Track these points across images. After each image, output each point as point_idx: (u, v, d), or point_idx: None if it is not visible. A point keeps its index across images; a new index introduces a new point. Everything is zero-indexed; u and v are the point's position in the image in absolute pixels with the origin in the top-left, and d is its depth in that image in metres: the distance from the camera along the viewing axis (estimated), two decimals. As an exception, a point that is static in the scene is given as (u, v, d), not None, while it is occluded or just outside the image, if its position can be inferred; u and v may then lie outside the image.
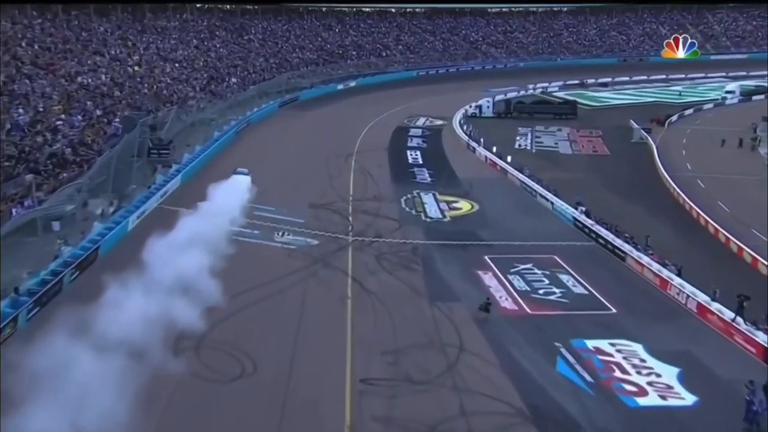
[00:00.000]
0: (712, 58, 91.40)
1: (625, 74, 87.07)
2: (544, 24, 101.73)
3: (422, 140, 59.57)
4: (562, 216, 39.37)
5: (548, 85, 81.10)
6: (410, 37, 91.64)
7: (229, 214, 31.09)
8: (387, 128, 59.35)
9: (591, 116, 68.34)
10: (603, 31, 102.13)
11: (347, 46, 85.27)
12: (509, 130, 61.06)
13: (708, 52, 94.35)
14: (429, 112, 65.34)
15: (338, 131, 60.39)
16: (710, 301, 26.02)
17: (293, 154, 49.70)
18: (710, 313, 25.26)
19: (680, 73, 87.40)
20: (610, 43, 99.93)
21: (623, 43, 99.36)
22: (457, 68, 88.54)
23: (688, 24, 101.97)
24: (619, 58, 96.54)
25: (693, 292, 27.32)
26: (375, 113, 63.99)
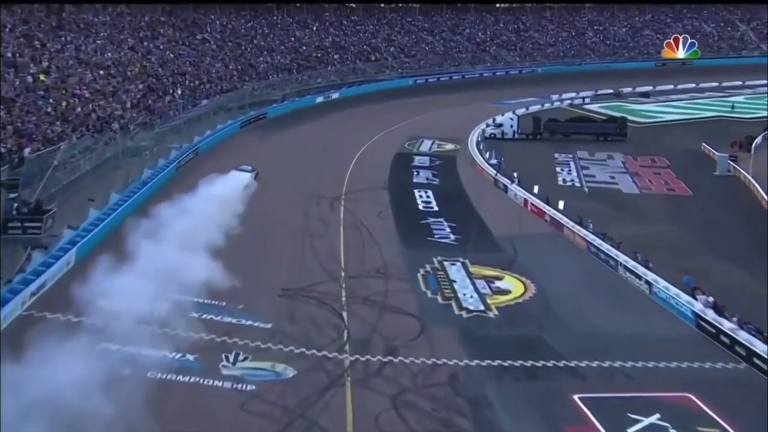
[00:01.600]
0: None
1: (666, 81, 79.48)
2: (565, 21, 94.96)
3: (432, 173, 49.20)
4: (673, 308, 27.20)
5: (576, 96, 73.11)
6: (404, 37, 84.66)
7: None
8: (383, 156, 50.58)
9: (642, 137, 58.59)
10: (635, 30, 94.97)
11: (327, 48, 77.55)
12: (544, 158, 51.97)
13: (765, 53, 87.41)
14: (435, 133, 57.13)
15: (320, 161, 50.17)
16: None
17: (258, 200, 36.88)
18: None
19: (736, 78, 79.14)
20: (645, 43, 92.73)
21: (659, 44, 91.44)
22: (462, 75, 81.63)
23: (737, 20, 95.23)
24: (657, 61, 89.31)
25: None
26: (366, 134, 55.68)
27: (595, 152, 54.56)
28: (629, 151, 54.78)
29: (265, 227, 36.21)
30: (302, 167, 48.78)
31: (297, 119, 62.62)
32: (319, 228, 37.64)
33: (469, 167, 50.51)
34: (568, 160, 53.00)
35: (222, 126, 53.43)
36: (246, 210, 34.05)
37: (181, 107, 52.95)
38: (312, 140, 54.53)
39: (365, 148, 52.83)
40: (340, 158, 49.46)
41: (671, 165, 51.35)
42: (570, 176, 49.51)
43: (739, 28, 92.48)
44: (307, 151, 52.71)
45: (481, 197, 44.18)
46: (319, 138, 56.14)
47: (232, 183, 33.97)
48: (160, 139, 45.40)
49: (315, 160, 51.08)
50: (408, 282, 31.36)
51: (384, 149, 52.28)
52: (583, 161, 52.85)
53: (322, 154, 52.42)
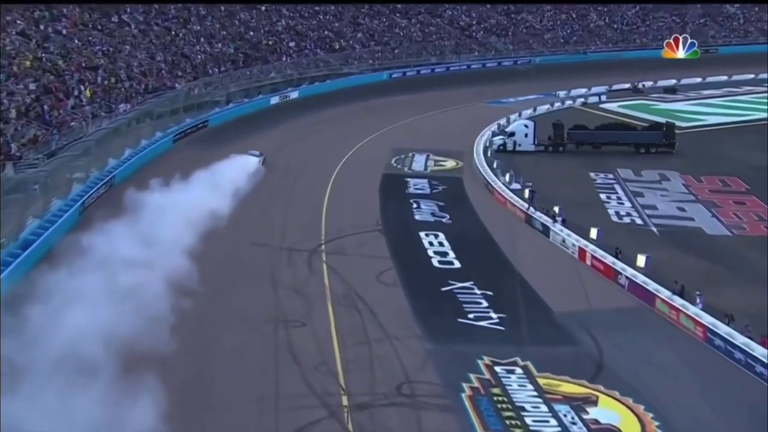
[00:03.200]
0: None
1: (690, 72, 74.68)
2: (564, 3, 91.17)
3: (437, 205, 40.56)
4: None
5: (588, 93, 68.56)
6: (373, 20, 79.96)
7: None
8: (367, 178, 43.82)
9: (690, 147, 51.34)
10: (646, 12, 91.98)
11: (280, 33, 71.34)
12: (576, 179, 45.06)
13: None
14: (426, 143, 50.98)
15: (284, 190, 41.22)
16: None
17: (200, 260, 27.18)
18: None
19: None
20: (658, 27, 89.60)
21: (676, 29, 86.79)
22: (447, 67, 77.58)
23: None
24: None
25: None
26: (339, 147, 49.37)
27: (641, 170, 47.17)
28: (685, 168, 47.25)
29: (214, 315, 25.79)
30: (261, 200, 38.63)
31: (247, 128, 53.16)
32: (296, 308, 27.82)
33: (483, 193, 42.89)
34: (611, 183, 45.13)
35: (148, 141, 45.76)
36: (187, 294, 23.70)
37: (90, 116, 43.23)
38: (270, 158, 44.54)
39: (341, 166, 46.27)
40: (310, 184, 42.59)
41: (751, 189, 43.17)
42: (623, 207, 40.95)
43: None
44: (264, 174, 42.78)
45: (514, 244, 35.15)
46: (279, 154, 46.41)
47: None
48: (57, 167, 33.93)
49: (277, 188, 41.50)
50: (451, 413, 21.68)
51: (366, 168, 45.86)
52: (630, 184, 44.84)
53: (286, 179, 43.17)
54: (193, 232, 29.28)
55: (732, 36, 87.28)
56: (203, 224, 30.66)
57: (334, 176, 44.24)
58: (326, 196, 40.72)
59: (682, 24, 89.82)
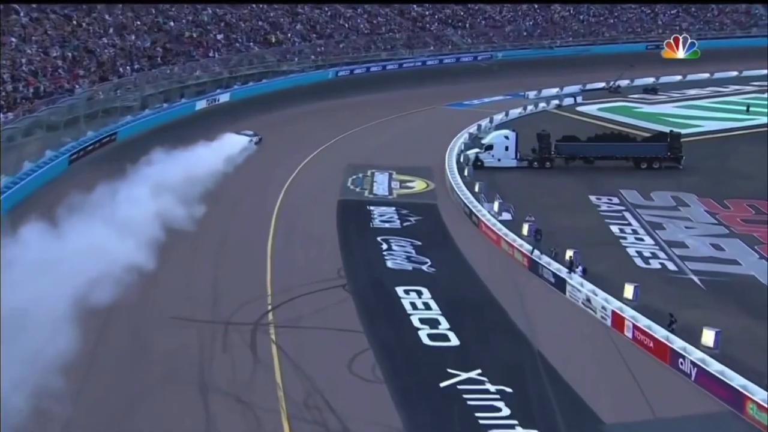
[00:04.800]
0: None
1: (669, 70, 72.97)
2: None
3: (412, 245, 33.82)
4: None
5: (560, 93, 66.06)
6: (315, 10, 77.79)
7: None
8: (321, 206, 38.64)
9: (694, 160, 46.20)
10: (613, 2, 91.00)
11: (206, 25, 68.03)
12: (575, 204, 40.09)
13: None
14: (386, 158, 47.00)
15: (213, 232, 33.51)
16: None
17: (92, 357, 20.79)
18: None
19: (749, 64, 73.01)
20: (628, 18, 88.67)
21: (648, 21, 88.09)
22: (399, 63, 75.41)
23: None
24: (648, 43, 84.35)
25: None
26: (282, 164, 44.58)
27: (649, 191, 41.89)
28: (701, 189, 41.99)
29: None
30: (183, 250, 30.80)
31: (166, 141, 44.83)
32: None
33: (466, 226, 37.21)
34: (619, 210, 39.30)
35: (35, 164, 40.18)
36: None
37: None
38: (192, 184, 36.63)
39: (286, 193, 40.77)
40: (248, 221, 36.50)
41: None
42: (645, 246, 34.25)
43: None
44: (188, 201, 34.17)
45: (522, 304, 28.31)
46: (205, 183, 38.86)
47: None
48: None
49: (204, 230, 33.33)
50: None
51: (317, 194, 40.80)
52: (643, 211, 38.94)
53: (216, 217, 35.15)
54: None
55: (707, 29, 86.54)
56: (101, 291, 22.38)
57: (278, 207, 37.83)
58: (270, 236, 33.80)
59: (652, 15, 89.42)
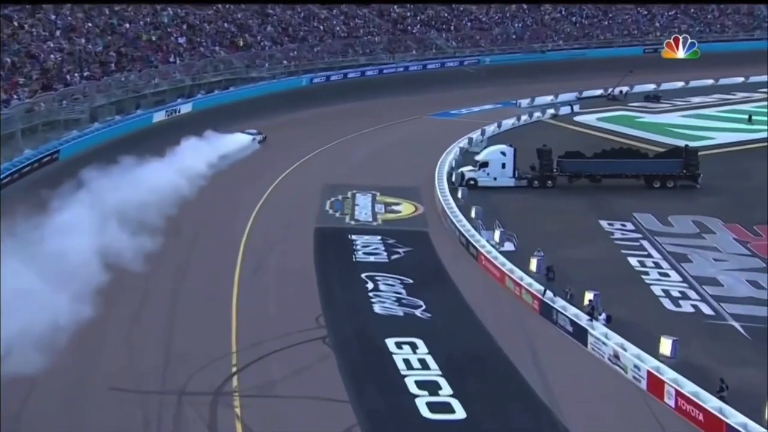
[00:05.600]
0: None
1: (669, 75, 70.30)
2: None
3: (402, 284, 30.45)
4: None
5: (555, 101, 63.91)
6: (287, 10, 76.50)
7: None
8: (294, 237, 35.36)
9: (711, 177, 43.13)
10: (609, 2, 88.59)
11: (167, 27, 66.21)
12: (586, 231, 37.14)
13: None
14: (368, 176, 45.06)
15: (168, 272, 30.16)
16: None
17: None
18: None
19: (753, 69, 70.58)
20: (622, 21, 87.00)
21: (645, 23, 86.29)
22: (380, 69, 73.79)
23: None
24: (645, 47, 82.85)
25: None
26: (249, 186, 42.06)
27: (665, 215, 38.56)
28: (725, 213, 38.53)
29: None
30: (131, 296, 27.11)
31: (118, 159, 41.20)
32: None
33: (462, 258, 34.00)
34: (636, 238, 35.83)
35: None
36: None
37: None
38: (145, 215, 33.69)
39: (256, 216, 37.59)
40: (210, 248, 33.13)
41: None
42: (672, 284, 30.41)
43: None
44: (141, 231, 30.95)
45: (536, 359, 24.62)
46: (162, 201, 35.67)
47: None
48: None
49: (158, 269, 29.65)
50: None
51: (291, 220, 37.86)
52: (663, 239, 35.41)
53: (174, 243, 32.22)
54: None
55: (708, 32, 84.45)
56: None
57: (246, 238, 34.26)
58: (236, 276, 29.82)
59: (649, 17, 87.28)
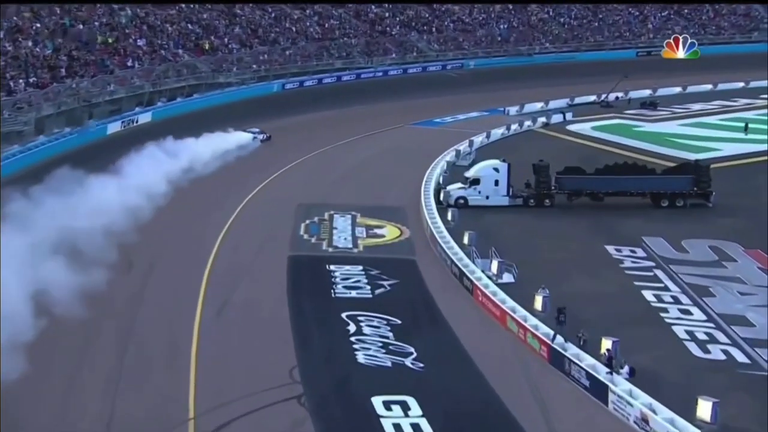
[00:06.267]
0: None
1: (667, 81, 69.51)
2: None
3: (389, 325, 27.68)
4: None
5: (545, 109, 62.43)
6: (256, 10, 74.89)
7: None
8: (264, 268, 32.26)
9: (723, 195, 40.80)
10: (598, 2, 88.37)
11: (124, 27, 63.95)
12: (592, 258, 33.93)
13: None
14: (346, 194, 43.08)
15: (116, 312, 27.09)
16: None
17: None
18: None
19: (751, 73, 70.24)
20: (613, 22, 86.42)
21: (637, 25, 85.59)
22: (357, 74, 73.22)
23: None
24: (638, 49, 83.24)
25: None
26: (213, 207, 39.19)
27: (678, 238, 35.72)
28: (744, 236, 35.78)
29: None
30: (65, 336, 23.83)
31: (65, 177, 36.79)
32: None
33: (456, 293, 30.95)
34: (648, 267, 32.87)
35: None
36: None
37: None
38: (97, 248, 29.36)
39: (221, 243, 34.49)
40: (166, 285, 29.89)
41: None
42: (695, 323, 27.30)
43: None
44: (84, 267, 27.19)
45: (546, 419, 21.76)
46: (114, 236, 31.49)
47: None
48: None
49: (103, 302, 26.14)
50: None
51: (262, 245, 35.00)
52: (679, 268, 32.38)
53: (124, 279, 29.16)
54: None
55: (703, 33, 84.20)
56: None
57: (209, 270, 30.80)
58: (196, 320, 26.39)
59: (642, 18, 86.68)
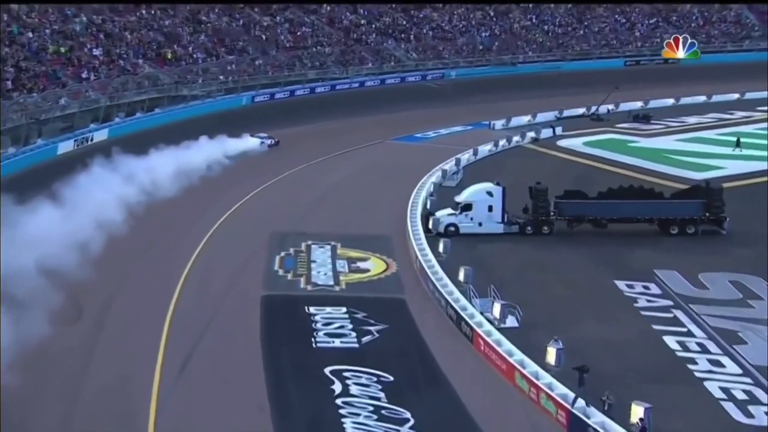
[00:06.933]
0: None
1: (658, 93, 67.62)
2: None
3: (379, 383, 24.39)
4: None
5: (532, 122, 60.23)
6: (223, 17, 72.79)
7: None
8: (233, 313, 29.00)
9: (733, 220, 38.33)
10: (583, 9, 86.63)
11: (79, 36, 61.27)
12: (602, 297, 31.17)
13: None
14: (324, 220, 40.21)
15: (62, 378, 23.73)
16: None
17: None
18: None
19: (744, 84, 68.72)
20: (599, 29, 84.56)
21: (624, 33, 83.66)
22: (332, 85, 71.52)
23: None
24: (626, 58, 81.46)
25: None
26: (177, 238, 36.30)
27: (694, 271, 33.07)
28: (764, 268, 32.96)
29: None
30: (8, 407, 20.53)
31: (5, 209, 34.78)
32: None
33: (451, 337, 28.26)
34: (666, 307, 30.20)
35: None
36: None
37: None
38: (42, 294, 26.10)
39: (185, 282, 31.43)
40: (120, 339, 26.51)
41: None
42: (729, 378, 24.80)
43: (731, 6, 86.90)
44: (22, 317, 24.16)
45: None
46: (60, 275, 28.06)
47: None
48: None
49: (50, 364, 23.57)
50: None
51: (231, 283, 31.91)
52: (700, 308, 29.76)
53: (67, 334, 25.87)
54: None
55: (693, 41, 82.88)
56: None
57: (171, 316, 27.51)
58: (154, 381, 23.17)
59: (629, 25, 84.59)
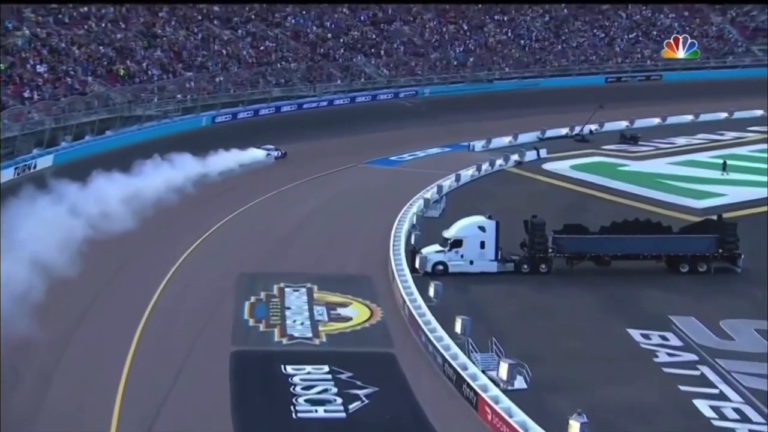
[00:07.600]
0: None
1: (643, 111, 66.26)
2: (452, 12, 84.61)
3: None
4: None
5: (513, 143, 59.24)
6: (179, 30, 70.90)
7: None
8: (198, 376, 26.15)
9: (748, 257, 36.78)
10: (558, 22, 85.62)
11: (21, 51, 59.00)
12: (616, 351, 29.24)
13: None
14: (298, 258, 37.42)
15: None
16: None
17: None
18: None
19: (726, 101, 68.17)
20: (578, 44, 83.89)
21: (604, 48, 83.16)
22: (299, 104, 69.84)
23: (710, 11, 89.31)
24: (607, 75, 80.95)
25: None
26: (133, 281, 33.74)
27: (716, 318, 31.25)
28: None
29: None
30: None
31: None
32: None
33: (449, 400, 25.78)
34: (691, 363, 28.26)
35: None
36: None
37: None
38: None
39: (142, 336, 28.81)
40: (65, 412, 23.38)
41: None
42: None
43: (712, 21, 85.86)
44: None
45: None
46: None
47: None
48: None
49: None
50: None
51: (194, 337, 29.06)
52: (729, 364, 27.75)
53: (9, 408, 22.88)
54: None
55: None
56: None
57: (123, 388, 24.33)
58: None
59: (608, 40, 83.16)
